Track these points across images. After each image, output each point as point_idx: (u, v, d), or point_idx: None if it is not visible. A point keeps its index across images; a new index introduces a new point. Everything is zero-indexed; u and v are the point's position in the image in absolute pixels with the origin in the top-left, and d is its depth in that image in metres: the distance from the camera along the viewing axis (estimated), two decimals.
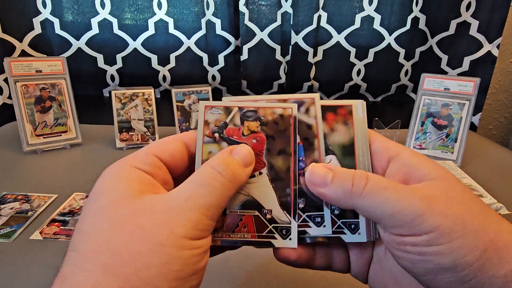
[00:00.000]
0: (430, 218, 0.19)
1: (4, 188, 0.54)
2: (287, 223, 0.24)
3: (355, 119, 0.26)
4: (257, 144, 0.24)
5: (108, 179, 0.20)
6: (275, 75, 1.03)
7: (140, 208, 0.19)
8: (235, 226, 0.24)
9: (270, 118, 0.25)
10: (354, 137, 0.25)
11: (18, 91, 0.66)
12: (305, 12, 0.95)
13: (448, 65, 0.98)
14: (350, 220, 0.24)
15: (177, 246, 0.18)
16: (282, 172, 0.24)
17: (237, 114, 0.25)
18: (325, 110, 0.26)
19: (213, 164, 0.21)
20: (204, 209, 0.19)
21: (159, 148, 0.22)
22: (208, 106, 0.25)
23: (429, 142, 0.70)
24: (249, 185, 0.24)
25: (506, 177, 0.65)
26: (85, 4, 0.91)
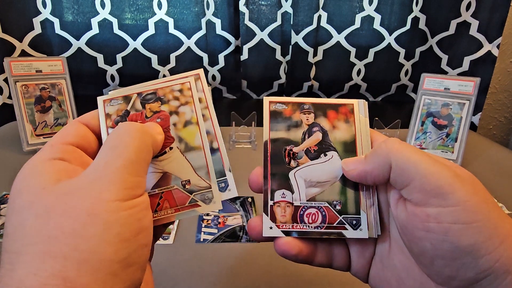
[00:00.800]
0: (460, 191, 0.19)
1: (4, 188, 0.54)
2: (208, 187, 0.24)
3: (357, 118, 0.26)
4: (162, 122, 0.25)
5: (22, 177, 0.20)
6: (275, 75, 1.03)
7: (61, 192, 0.18)
8: (157, 205, 0.24)
9: (171, 96, 0.26)
10: (355, 135, 0.26)
11: (18, 91, 0.66)
12: (305, 12, 0.95)
13: (448, 65, 0.98)
14: (351, 216, 0.24)
15: (110, 210, 0.18)
16: (192, 142, 0.25)
17: (137, 100, 0.25)
18: (326, 108, 0.27)
19: (117, 127, 0.21)
20: (124, 168, 0.19)
21: (62, 135, 0.22)
22: (106, 100, 0.25)
23: (429, 142, 0.70)
24: (162, 162, 0.25)
25: (506, 177, 0.65)
26: (85, 4, 0.91)
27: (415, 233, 0.21)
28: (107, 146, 0.20)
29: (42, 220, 0.17)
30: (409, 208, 0.21)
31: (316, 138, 0.26)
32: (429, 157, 0.21)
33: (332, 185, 0.25)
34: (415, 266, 0.22)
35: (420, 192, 0.20)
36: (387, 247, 0.24)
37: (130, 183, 0.19)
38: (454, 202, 0.19)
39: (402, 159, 0.21)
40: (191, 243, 0.45)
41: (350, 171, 0.24)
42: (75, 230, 0.17)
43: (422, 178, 0.20)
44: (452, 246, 0.19)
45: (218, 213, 0.50)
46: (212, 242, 0.45)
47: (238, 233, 0.47)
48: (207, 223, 0.48)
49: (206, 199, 0.24)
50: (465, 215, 0.19)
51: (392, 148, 0.22)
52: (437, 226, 0.19)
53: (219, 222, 0.49)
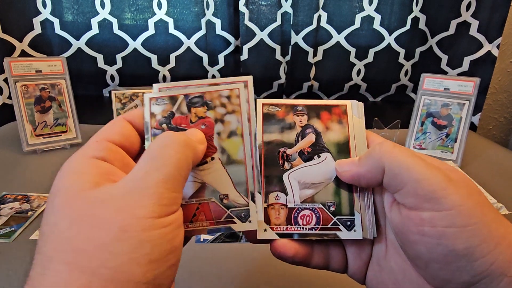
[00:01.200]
0: (453, 195, 0.19)
1: (4, 188, 0.54)
2: (245, 205, 0.24)
3: (350, 118, 0.26)
4: (206, 129, 0.24)
5: (63, 175, 0.19)
6: (275, 75, 1.03)
7: (96, 199, 0.18)
8: (193, 216, 0.23)
9: (218, 102, 0.25)
10: (349, 136, 0.26)
11: (18, 91, 0.66)
12: (305, 12, 0.95)
13: (448, 65, 0.98)
14: (346, 217, 0.24)
15: (143, 228, 0.17)
16: (235, 155, 0.24)
17: (183, 102, 0.25)
18: (320, 109, 0.27)
19: (161, 137, 0.21)
20: (163, 183, 0.19)
21: (108, 132, 0.22)
22: (153, 98, 0.25)
23: (428, 142, 0.70)
24: (202, 172, 0.24)
25: (506, 177, 0.65)
26: (85, 4, 0.91)
27: (409, 236, 0.21)
28: (148, 155, 0.20)
29: (75, 227, 0.17)
30: (403, 212, 0.21)
31: (310, 140, 0.26)
32: (423, 161, 0.21)
33: (326, 187, 0.25)
34: (411, 268, 0.22)
35: (414, 196, 0.20)
36: (384, 249, 0.24)
37: (166, 199, 0.19)
38: (448, 206, 0.19)
39: (395, 164, 0.21)
40: (191, 243, 0.45)
41: (344, 172, 0.24)
42: (105, 245, 0.17)
43: (415, 183, 0.20)
44: (446, 249, 0.19)
45: None
46: (212, 242, 0.45)
47: (238, 233, 0.47)
48: None
49: (243, 217, 0.23)
50: (459, 219, 0.19)
51: (386, 151, 0.22)
52: (431, 230, 0.19)
53: None
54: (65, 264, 0.16)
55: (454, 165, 0.65)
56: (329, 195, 0.25)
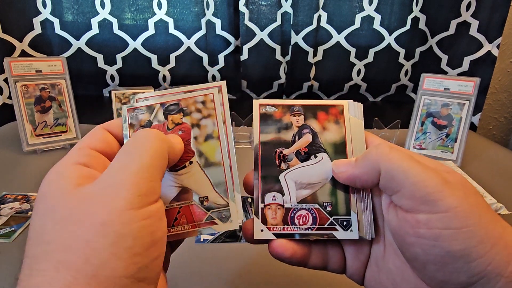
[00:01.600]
0: (449, 197, 0.19)
1: (4, 188, 0.54)
2: (225, 206, 0.24)
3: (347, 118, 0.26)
4: (183, 134, 0.25)
5: (47, 182, 0.20)
6: (275, 75, 1.03)
7: (78, 198, 0.18)
8: (174, 220, 0.24)
9: (193, 108, 0.25)
10: (345, 136, 0.26)
11: (18, 91, 0.66)
12: (305, 12, 0.95)
13: (448, 65, 0.98)
14: (342, 216, 0.25)
15: (122, 221, 0.17)
16: (212, 157, 0.25)
17: (160, 110, 0.25)
18: (316, 109, 0.27)
19: (135, 134, 0.21)
20: (139, 173, 0.19)
21: (89, 140, 0.23)
22: (131, 109, 0.25)
23: (429, 142, 0.70)
24: (181, 176, 0.24)
25: (506, 177, 0.65)
26: (85, 4, 0.91)
27: (406, 238, 0.21)
28: (123, 150, 0.20)
29: (59, 227, 0.18)
30: (400, 214, 0.21)
31: (306, 140, 0.26)
32: (419, 163, 0.21)
33: (323, 187, 0.25)
34: (409, 269, 0.22)
35: (410, 199, 0.20)
36: (382, 250, 0.24)
37: (144, 188, 0.19)
38: (444, 208, 0.19)
39: (391, 166, 0.21)
40: (191, 243, 0.45)
41: (340, 173, 0.24)
42: (87, 241, 0.17)
43: (411, 186, 0.20)
44: (443, 251, 0.19)
45: None
46: (212, 242, 0.45)
47: (238, 233, 0.47)
48: None
49: (223, 217, 0.24)
50: (455, 221, 0.19)
51: (382, 154, 0.22)
52: (427, 232, 0.19)
53: None
54: (51, 263, 0.17)
55: (454, 165, 0.65)
56: (326, 195, 0.25)
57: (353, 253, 0.25)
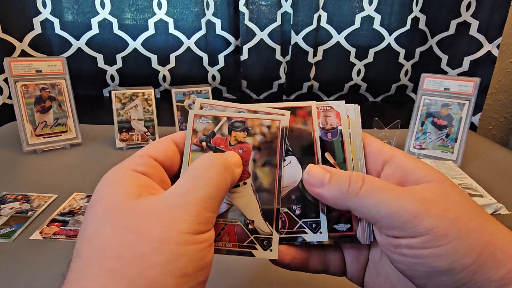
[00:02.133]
0: (426, 220, 0.19)
1: (4, 188, 0.54)
2: (269, 234, 0.24)
3: (315, 120, 0.26)
4: (243, 154, 0.25)
5: (106, 184, 0.20)
6: (275, 75, 1.03)
7: (139, 209, 0.19)
8: (217, 235, 0.24)
9: (258, 130, 0.25)
10: (314, 138, 0.25)
11: (18, 91, 0.66)
12: (305, 12, 0.95)
13: (448, 65, 0.98)
14: (311, 219, 0.24)
15: (180, 242, 0.18)
16: (266, 184, 0.25)
17: (225, 123, 0.25)
18: None
19: (203, 158, 0.22)
20: (203, 202, 0.19)
21: (152, 149, 0.23)
22: (197, 115, 0.25)
23: (429, 142, 0.70)
24: (233, 194, 0.24)
25: (506, 177, 0.65)
26: (85, 4, 0.91)
27: (390, 256, 0.21)
28: (190, 174, 0.21)
29: (116, 235, 0.18)
30: (383, 235, 0.21)
31: None
32: (391, 191, 0.20)
33: (292, 190, 0.25)
34: None
35: (388, 229, 0.20)
36: (379, 254, 0.24)
37: (204, 218, 0.19)
38: (423, 231, 0.19)
39: (361, 206, 0.21)
40: None
41: (309, 186, 0.23)
42: (144, 255, 0.17)
43: (385, 218, 0.20)
44: (427, 267, 0.19)
45: None
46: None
47: None
48: None
49: (265, 245, 0.24)
50: (435, 241, 0.19)
51: (352, 192, 0.21)
52: (409, 251, 0.20)
53: None
54: (105, 270, 0.17)
55: (454, 165, 0.65)
56: (295, 199, 0.25)
57: (352, 256, 0.25)
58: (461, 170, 0.64)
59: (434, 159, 0.68)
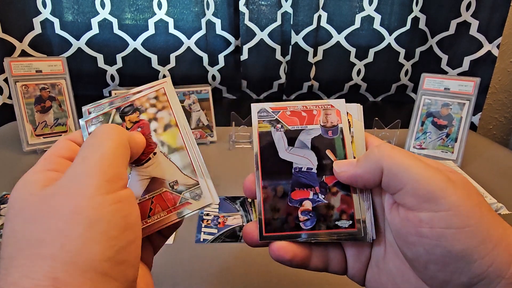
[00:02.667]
0: (452, 196, 0.19)
1: (4, 188, 0.54)
2: (195, 185, 0.25)
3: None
4: (143, 130, 0.26)
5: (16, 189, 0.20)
6: (275, 75, 1.03)
7: (46, 194, 0.19)
8: (149, 211, 0.24)
9: (147, 104, 0.26)
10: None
11: (18, 91, 0.66)
12: (305, 12, 0.95)
13: (448, 65, 0.98)
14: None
15: (93, 207, 0.18)
16: (174, 143, 0.26)
17: (116, 114, 0.26)
18: None
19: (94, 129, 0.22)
20: (103, 160, 0.19)
21: (55, 149, 0.23)
22: (88, 120, 0.26)
23: (429, 142, 0.70)
24: (148, 168, 0.25)
25: (506, 177, 0.65)
26: (85, 4, 0.91)
27: (408, 238, 0.21)
28: (84, 145, 0.21)
29: (30, 224, 0.18)
30: (402, 213, 0.21)
31: None
32: (422, 161, 0.21)
33: None
34: (410, 271, 0.22)
35: (413, 197, 0.20)
36: (383, 251, 0.24)
37: (109, 174, 0.19)
38: (446, 207, 0.19)
39: (394, 165, 0.21)
40: (191, 243, 0.45)
41: (341, 173, 0.24)
42: (61, 230, 0.17)
43: (414, 183, 0.20)
44: (445, 251, 0.19)
45: (218, 213, 0.50)
46: (212, 242, 0.45)
47: (238, 233, 0.47)
48: (207, 223, 0.48)
49: (196, 195, 0.25)
50: (457, 220, 0.19)
51: (384, 153, 0.22)
52: (429, 231, 0.20)
53: (219, 222, 0.49)
54: (27, 258, 0.17)
55: (454, 165, 0.65)
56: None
57: (354, 254, 0.25)
58: (461, 170, 0.64)
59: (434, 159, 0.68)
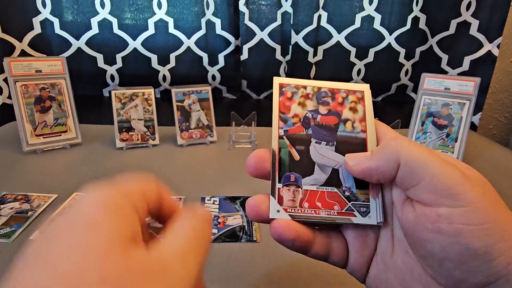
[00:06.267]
0: (470, 192, 0.19)
1: (4, 188, 0.54)
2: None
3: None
4: None
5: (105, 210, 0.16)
6: (275, 75, 1.03)
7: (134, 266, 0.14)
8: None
9: None
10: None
11: (18, 91, 0.66)
12: (305, 12, 0.95)
13: (448, 64, 0.98)
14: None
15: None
16: None
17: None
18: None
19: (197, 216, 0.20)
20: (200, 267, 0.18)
21: (148, 192, 0.20)
22: None
23: (429, 142, 0.70)
24: None
25: (506, 177, 0.65)
26: (85, 4, 0.91)
27: (423, 234, 0.20)
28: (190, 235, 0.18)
29: None
30: (418, 209, 0.21)
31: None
32: (439, 156, 0.21)
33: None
34: (420, 268, 0.22)
35: (430, 192, 0.20)
36: (390, 247, 0.24)
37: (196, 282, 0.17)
38: (465, 202, 0.19)
39: (412, 158, 0.20)
40: None
41: (354, 166, 0.23)
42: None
43: (432, 178, 0.20)
44: (463, 248, 0.18)
45: (218, 213, 0.50)
46: (212, 242, 0.45)
47: (238, 233, 0.46)
48: None
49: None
50: (476, 216, 0.18)
51: (402, 146, 0.21)
52: (448, 227, 0.19)
53: (219, 222, 0.49)
54: None
55: None
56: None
57: (357, 247, 0.24)
58: None
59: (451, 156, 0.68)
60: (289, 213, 0.23)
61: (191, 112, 0.74)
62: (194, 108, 0.74)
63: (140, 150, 0.71)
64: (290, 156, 0.25)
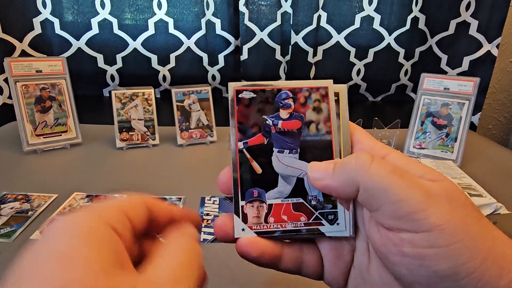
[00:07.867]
0: (433, 215, 0.18)
1: (4, 188, 0.54)
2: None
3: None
4: None
5: (79, 238, 0.15)
6: (275, 75, 1.03)
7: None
8: None
9: None
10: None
11: (18, 91, 0.66)
12: (305, 12, 0.95)
13: (448, 65, 0.98)
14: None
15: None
16: None
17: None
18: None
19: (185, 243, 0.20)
20: None
21: (130, 208, 0.19)
22: None
23: (428, 142, 0.70)
24: None
25: (506, 176, 0.66)
26: (85, 4, 0.91)
27: (389, 257, 0.19)
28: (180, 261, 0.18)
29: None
30: (381, 231, 0.20)
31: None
32: (402, 178, 0.19)
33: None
34: (396, 285, 0.21)
35: (391, 218, 0.19)
36: (366, 260, 0.23)
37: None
38: (428, 227, 0.18)
39: (371, 184, 0.19)
40: None
41: (315, 181, 0.22)
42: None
43: (392, 205, 0.19)
44: (429, 271, 0.18)
45: (218, 213, 0.50)
46: (212, 242, 0.45)
47: None
48: (207, 223, 0.48)
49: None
50: (440, 239, 0.18)
51: (362, 167, 0.20)
52: (411, 251, 0.18)
53: None
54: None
55: (454, 165, 0.65)
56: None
57: (331, 259, 0.23)
58: (460, 169, 0.64)
59: (434, 159, 0.68)
60: (254, 230, 0.23)
61: (191, 112, 0.74)
62: (194, 108, 0.74)
63: (140, 150, 0.71)
64: (251, 170, 0.23)
